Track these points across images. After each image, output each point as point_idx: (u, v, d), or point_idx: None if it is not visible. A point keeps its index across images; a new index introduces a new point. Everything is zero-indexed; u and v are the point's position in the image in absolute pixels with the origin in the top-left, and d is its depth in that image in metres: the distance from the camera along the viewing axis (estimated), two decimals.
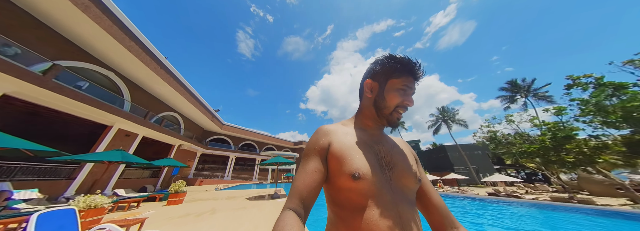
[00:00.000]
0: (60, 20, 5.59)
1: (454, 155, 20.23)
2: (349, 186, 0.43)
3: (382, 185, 0.44)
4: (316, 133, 0.51)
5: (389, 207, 0.42)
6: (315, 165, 0.45)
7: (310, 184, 0.42)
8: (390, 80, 0.50)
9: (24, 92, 5.06)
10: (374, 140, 0.52)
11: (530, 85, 17.06)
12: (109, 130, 7.80)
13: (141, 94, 9.74)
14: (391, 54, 0.52)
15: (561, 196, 8.67)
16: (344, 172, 0.43)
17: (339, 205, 0.45)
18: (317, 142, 0.49)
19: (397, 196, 0.44)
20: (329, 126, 0.53)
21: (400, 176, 0.47)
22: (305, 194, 0.41)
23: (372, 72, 0.53)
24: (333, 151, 0.47)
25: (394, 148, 0.53)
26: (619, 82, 7.32)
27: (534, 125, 10.77)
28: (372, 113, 0.53)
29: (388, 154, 0.50)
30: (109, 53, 7.05)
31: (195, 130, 16.32)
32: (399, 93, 0.50)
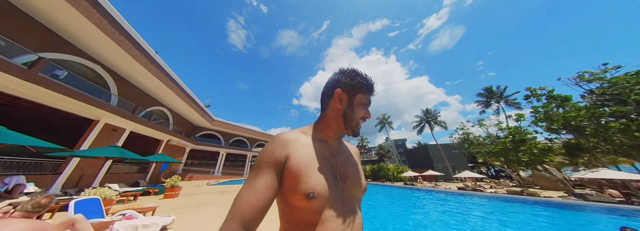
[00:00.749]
0: (44, 12, 5.38)
1: (434, 154, 22.09)
2: (302, 205, 0.42)
3: (334, 199, 0.44)
4: (272, 143, 0.47)
5: (337, 221, 0.42)
6: (266, 181, 0.41)
7: (256, 204, 0.37)
8: (358, 94, 0.52)
9: (7, 84, 4.92)
10: (332, 153, 0.53)
11: (503, 92, 18.94)
12: (96, 124, 7.65)
13: (129, 88, 9.48)
14: (355, 69, 0.54)
15: (515, 190, 10.17)
16: (298, 190, 0.42)
17: (289, 221, 0.45)
18: (272, 153, 0.45)
19: (346, 207, 0.46)
20: (288, 135, 0.50)
21: (351, 187, 0.49)
22: (250, 217, 0.36)
23: (341, 83, 0.53)
24: (290, 166, 0.44)
25: (349, 159, 0.55)
26: (565, 95, 8.68)
27: (499, 129, 12.24)
28: (339, 124, 0.53)
29: (343, 166, 0.52)
30: (96, 46, 6.85)
31: (184, 125, 16.01)
32: (363, 107, 0.52)
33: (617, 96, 7.21)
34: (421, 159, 24.13)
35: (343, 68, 0.55)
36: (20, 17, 5.40)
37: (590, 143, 7.79)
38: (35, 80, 5.00)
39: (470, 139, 13.39)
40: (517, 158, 10.25)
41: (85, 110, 6.99)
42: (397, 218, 4.61)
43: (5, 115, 7.63)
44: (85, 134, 7.44)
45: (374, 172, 21.32)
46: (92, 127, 7.61)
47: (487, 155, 12.36)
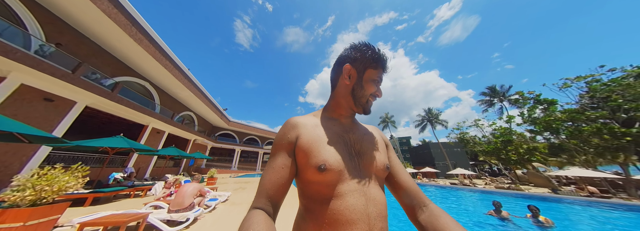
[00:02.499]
0: (118, 48, 7.27)
1: (436, 152, 22.83)
2: (316, 179, 0.43)
3: (350, 174, 0.44)
4: (284, 127, 0.49)
5: (355, 195, 0.42)
6: (282, 161, 0.44)
7: (277, 181, 0.41)
8: (368, 70, 0.49)
9: (97, 103, 6.89)
10: (344, 130, 0.52)
11: (506, 91, 19.11)
12: (146, 128, 9.71)
13: (167, 98, 11.52)
14: (366, 42, 0.51)
15: (503, 186, 11.11)
16: (310, 165, 0.43)
17: (308, 197, 0.45)
18: (284, 136, 0.47)
19: (366, 184, 0.44)
20: (298, 118, 0.51)
21: (369, 163, 0.48)
22: (273, 192, 0.40)
23: (351, 58, 0.50)
24: (300, 145, 0.46)
25: (365, 135, 0.53)
26: (551, 99, 9.37)
27: (493, 129, 12.96)
28: (349, 101, 0.52)
29: (358, 142, 0.50)
30: (148, 69, 8.76)
31: (205, 126, 18.26)
32: (374, 84, 0.50)
33: (604, 100, 7.80)
34: (423, 157, 24.95)
35: (354, 43, 0.52)
36: (103, 54, 7.34)
37: (570, 144, 8.56)
38: (115, 99, 6.92)
39: (467, 139, 14.20)
40: (507, 157, 11.11)
41: (139, 117, 9.00)
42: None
43: (86, 122, 9.90)
44: (139, 136, 9.52)
45: None
46: (143, 130, 9.67)
47: (482, 154, 13.21)
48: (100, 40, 6.97)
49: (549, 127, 8.54)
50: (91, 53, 6.99)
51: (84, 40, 6.68)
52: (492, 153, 12.00)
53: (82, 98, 6.27)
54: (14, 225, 1.89)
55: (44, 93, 5.46)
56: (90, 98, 6.46)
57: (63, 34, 6.11)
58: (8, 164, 5.02)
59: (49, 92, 5.51)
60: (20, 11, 5.21)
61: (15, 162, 5.16)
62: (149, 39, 7.42)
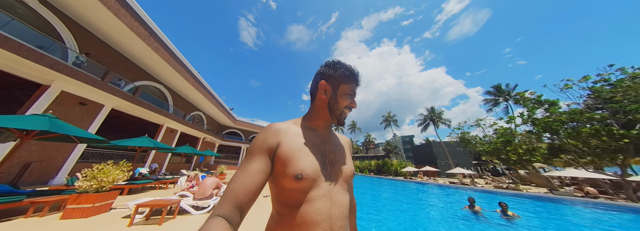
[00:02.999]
0: (137, 56, 8.01)
1: (438, 151, 22.85)
2: (291, 186, 0.45)
3: (322, 182, 0.47)
4: (265, 131, 0.51)
5: (323, 200, 0.45)
6: (259, 165, 0.44)
7: (249, 186, 0.40)
8: (341, 85, 0.54)
9: (121, 105, 7.69)
10: (322, 140, 0.56)
11: (512, 90, 18.77)
12: (162, 128, 10.58)
13: (179, 99, 12.36)
14: (339, 60, 0.57)
15: (501, 185, 11.29)
16: (288, 173, 0.45)
17: (281, 203, 0.47)
18: (265, 140, 0.48)
19: (333, 189, 0.49)
20: (280, 124, 0.54)
21: (340, 171, 0.53)
22: (242, 197, 0.39)
23: (326, 75, 0.56)
24: (281, 152, 0.47)
25: (338, 146, 0.59)
26: (552, 100, 9.38)
27: (495, 130, 12.99)
28: (325, 113, 0.56)
29: (332, 152, 0.55)
30: (163, 74, 9.53)
31: (214, 125, 19.23)
32: (348, 97, 0.55)
33: (606, 101, 7.77)
34: (426, 155, 25.04)
35: (328, 60, 0.58)
36: (125, 61, 8.12)
37: (569, 145, 8.64)
38: (136, 101, 7.70)
39: (467, 138, 14.30)
40: (508, 157, 11.23)
41: (156, 118, 9.83)
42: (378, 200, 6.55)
43: (110, 123, 10.90)
44: (156, 135, 10.41)
45: (378, 167, 22.97)
46: (159, 130, 10.55)
47: (483, 153, 13.32)
48: (123, 50, 7.72)
49: (549, 128, 8.63)
50: (115, 61, 7.77)
51: (109, 50, 7.45)
52: (492, 153, 12.12)
53: (108, 102, 7.07)
54: (86, 205, 2.56)
55: (79, 98, 6.26)
56: (116, 102, 7.25)
57: (92, 45, 6.87)
58: (54, 159, 5.90)
59: (83, 97, 6.31)
60: (59, 27, 5.96)
61: (59, 157, 6.03)
62: (164, 47, 8.11)
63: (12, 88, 6.45)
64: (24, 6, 5.32)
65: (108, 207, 2.84)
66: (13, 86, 6.23)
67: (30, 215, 2.50)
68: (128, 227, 2.25)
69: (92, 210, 2.58)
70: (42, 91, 5.45)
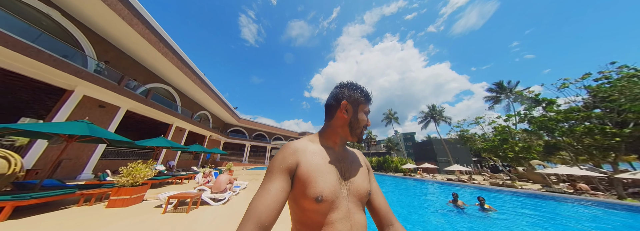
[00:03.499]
0: (148, 60, 8.48)
1: (438, 148, 23.13)
2: (312, 207, 0.46)
3: (340, 203, 0.48)
4: (283, 151, 0.52)
5: (343, 222, 0.47)
6: (280, 184, 0.45)
7: (271, 205, 0.41)
8: (361, 105, 0.58)
9: (134, 107, 8.25)
10: (337, 158, 0.57)
11: (514, 88, 18.67)
12: (171, 127, 11.20)
13: (186, 100, 12.92)
14: (354, 82, 0.61)
15: (497, 181, 11.64)
16: (308, 195, 0.46)
17: (300, 222, 0.49)
18: (284, 160, 0.49)
19: (352, 210, 0.50)
20: (297, 143, 0.55)
21: (356, 191, 0.53)
22: (265, 217, 0.39)
23: (346, 96, 0.58)
24: (300, 172, 0.48)
25: (353, 164, 0.60)
26: (550, 99, 9.53)
27: (493, 128, 13.21)
28: (345, 131, 0.57)
29: (348, 171, 0.56)
30: (172, 76, 10.02)
31: (218, 124, 19.89)
32: (365, 116, 0.58)
33: (603, 100, 7.89)
34: (426, 152, 25.38)
35: (344, 82, 0.61)
36: (136, 65, 8.61)
37: (564, 144, 8.87)
38: (148, 103, 8.24)
39: (467, 136, 14.55)
40: (505, 155, 11.52)
41: (165, 118, 10.42)
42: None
43: (123, 122, 11.58)
44: (166, 134, 11.04)
45: (379, 163, 23.48)
46: (169, 129, 11.17)
47: (481, 151, 13.61)
48: (134, 55, 8.19)
49: (544, 126, 8.85)
50: (128, 65, 8.26)
51: (122, 55, 7.93)
52: (490, 151, 12.41)
53: (124, 104, 7.62)
54: (125, 197, 3.08)
55: (99, 101, 6.81)
56: (130, 104, 7.80)
57: (108, 52, 7.35)
58: (80, 157, 6.53)
59: (102, 100, 6.85)
60: (78, 36, 6.43)
61: (84, 156, 6.67)
62: (173, 51, 8.54)
63: (37, 92, 7.04)
64: (48, 18, 5.77)
65: (141, 199, 3.38)
66: (39, 90, 6.81)
67: (81, 204, 3.05)
68: (162, 214, 2.77)
69: (129, 200, 3.11)
70: (68, 96, 5.99)
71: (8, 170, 3.21)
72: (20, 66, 4.79)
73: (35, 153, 5.29)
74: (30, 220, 2.37)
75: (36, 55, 4.58)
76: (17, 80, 5.65)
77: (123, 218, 2.55)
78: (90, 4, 5.60)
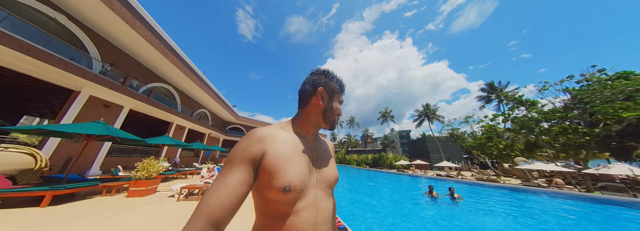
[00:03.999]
0: (149, 61, 8.75)
1: (432, 145, 23.97)
2: (277, 198, 0.43)
3: (308, 191, 0.47)
4: (248, 138, 0.47)
5: (309, 210, 0.45)
6: (241, 177, 0.40)
7: (227, 200, 0.36)
8: (336, 94, 0.58)
9: (137, 106, 8.58)
10: (309, 148, 0.55)
11: (504, 88, 19.38)
12: (172, 125, 11.56)
13: (186, 98, 13.21)
14: (329, 70, 0.59)
15: (482, 177, 12.42)
16: (275, 185, 0.43)
17: (265, 214, 0.46)
18: (247, 148, 0.45)
19: (319, 195, 0.49)
20: (265, 130, 0.50)
21: (325, 176, 0.53)
22: (220, 213, 0.35)
23: (323, 83, 0.57)
24: (267, 162, 0.45)
25: (324, 153, 0.59)
26: (533, 100, 10.15)
27: (481, 127, 13.91)
28: (319, 119, 0.56)
29: (318, 160, 0.55)
30: (172, 76, 10.30)
31: (217, 121, 20.22)
32: (339, 105, 0.58)
33: (582, 101, 8.50)
34: (420, 150, 26.24)
35: (320, 69, 0.60)
36: (138, 66, 8.87)
37: (543, 142, 9.57)
38: (150, 102, 8.58)
39: (457, 134, 15.26)
40: (490, 152, 12.26)
41: (166, 116, 10.76)
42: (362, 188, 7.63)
43: (129, 119, 11.90)
44: (167, 131, 11.41)
45: (374, 160, 24.29)
46: (170, 127, 11.53)
47: (470, 148, 14.35)
48: (136, 55, 8.45)
49: (525, 125, 9.50)
50: (130, 66, 8.53)
51: (125, 56, 8.19)
52: (477, 148, 13.14)
53: (127, 104, 7.95)
54: (142, 188, 3.56)
55: (104, 101, 7.13)
56: (133, 103, 8.13)
57: (111, 53, 7.61)
58: (88, 154, 6.92)
59: (107, 100, 7.18)
60: (83, 38, 6.68)
61: (92, 153, 7.06)
62: (173, 52, 8.81)
63: (44, 92, 7.32)
64: (55, 22, 6.01)
65: (154, 190, 3.85)
66: (47, 91, 7.09)
67: (104, 194, 3.51)
68: (176, 202, 3.25)
69: (145, 191, 3.58)
70: (75, 96, 6.32)
71: (35, 166, 3.64)
72: (32, 69, 5.10)
73: (48, 151, 5.67)
74: (68, 206, 2.83)
75: (48, 59, 4.89)
76: (27, 81, 5.96)
77: (145, 205, 3.03)
78: (95, 8, 5.85)
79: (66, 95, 7.04)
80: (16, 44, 4.24)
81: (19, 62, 4.74)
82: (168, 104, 10.74)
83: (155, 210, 2.82)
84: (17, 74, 5.28)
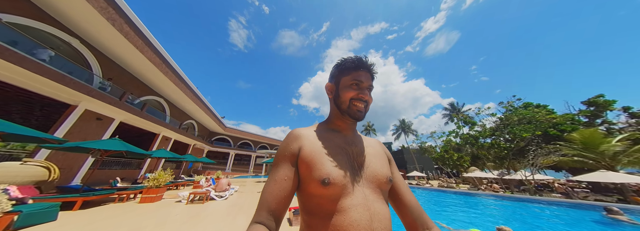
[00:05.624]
0: (147, 77, 9.40)
1: (408, 157, 26.45)
2: (319, 192, 0.42)
3: (353, 188, 0.44)
4: (286, 138, 0.50)
5: (359, 210, 0.41)
6: (284, 172, 0.44)
7: (278, 194, 0.41)
8: (342, 78, 0.53)
9: (128, 119, 8.91)
10: (346, 142, 0.53)
11: (461, 108, 23.30)
12: (158, 136, 11.66)
13: (175, 110, 13.48)
14: (340, 59, 0.55)
15: (444, 184, 14.45)
16: (313, 178, 0.43)
17: (309, 212, 0.45)
18: (286, 147, 0.48)
19: (369, 197, 0.44)
20: (301, 130, 0.52)
21: (373, 176, 0.47)
22: (274, 205, 0.40)
23: (329, 77, 0.57)
24: (303, 156, 0.46)
25: (367, 148, 0.55)
26: (473, 121, 12.90)
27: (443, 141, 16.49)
28: (337, 112, 0.55)
29: (361, 155, 0.51)
30: (167, 90, 10.88)
31: (204, 132, 20.01)
32: (351, 89, 0.51)
33: (504, 123, 11.27)
34: (399, 161, 28.50)
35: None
36: (134, 80, 9.42)
37: (480, 154, 12.04)
38: (142, 115, 9.00)
39: (424, 148, 17.65)
40: (449, 163, 14.53)
41: (154, 127, 10.96)
42: None
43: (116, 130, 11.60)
44: (152, 143, 11.43)
45: None
46: (156, 138, 11.61)
47: (434, 160, 16.61)
48: (136, 72, 9.08)
49: (467, 141, 11.98)
50: (128, 81, 9.06)
51: (124, 72, 8.78)
52: (439, 159, 15.42)
53: (119, 116, 8.32)
54: (152, 195, 4.30)
55: (97, 114, 7.51)
56: (124, 116, 8.51)
57: (112, 69, 8.20)
58: (72, 167, 7.01)
59: (100, 113, 7.57)
60: (88, 57, 7.31)
61: (75, 165, 7.14)
62: (172, 70, 9.63)
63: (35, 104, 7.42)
64: (65, 43, 6.66)
65: (161, 197, 4.56)
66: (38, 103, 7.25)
67: (117, 202, 4.15)
68: (185, 205, 4.08)
69: (155, 198, 4.31)
70: (72, 110, 6.70)
71: (49, 177, 4.18)
72: (34, 84, 5.58)
73: None
74: (95, 210, 3.51)
75: (61, 80, 5.51)
76: (26, 96, 6.28)
77: (159, 208, 3.82)
78: (109, 36, 6.71)
79: (56, 108, 7.29)
80: (32, 65, 4.87)
81: (29, 80, 5.29)
82: (158, 116, 11.04)
83: (171, 210, 3.66)
84: (24, 91, 5.70)
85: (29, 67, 4.71)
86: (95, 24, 6.18)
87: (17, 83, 5.21)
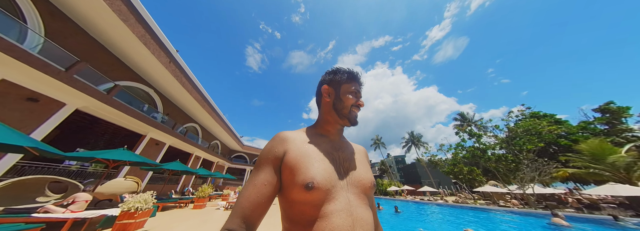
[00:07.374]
0: (189, 109, 12.20)
1: (421, 171, 25.31)
2: (302, 198, 0.41)
3: (337, 193, 0.43)
4: (272, 141, 0.49)
5: (342, 216, 0.40)
6: (265, 177, 0.43)
7: (255, 199, 0.39)
8: (343, 85, 0.55)
9: (174, 143, 11.38)
10: (333, 147, 0.53)
11: (472, 118, 22.85)
12: (192, 155, 14.01)
13: (206, 133, 16.22)
14: (338, 66, 0.59)
15: (458, 200, 13.99)
16: (296, 182, 0.41)
17: (291, 220, 0.43)
18: (271, 150, 0.46)
19: (353, 203, 0.43)
20: (288, 133, 0.52)
21: (358, 181, 0.48)
22: (249, 212, 0.38)
23: (327, 80, 0.58)
24: (288, 160, 0.44)
25: (353, 154, 0.56)
26: (478, 133, 13.12)
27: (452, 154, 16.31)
28: (333, 116, 0.55)
29: (347, 160, 0.51)
30: (201, 117, 13.60)
31: (225, 150, 22.53)
32: (351, 95, 0.54)
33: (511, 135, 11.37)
34: (412, 175, 27.32)
35: (327, 70, 0.60)
36: (180, 112, 12.27)
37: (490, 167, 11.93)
38: (184, 140, 11.42)
39: (435, 161, 17.44)
40: (461, 177, 14.26)
41: (189, 148, 13.34)
42: None
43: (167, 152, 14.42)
44: (187, 162, 13.74)
45: None
46: (190, 157, 13.96)
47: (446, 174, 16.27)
48: (182, 107, 11.90)
49: (473, 154, 12.09)
50: (177, 112, 11.86)
51: (175, 107, 11.62)
52: (450, 173, 15.15)
53: (168, 141, 10.76)
54: (200, 203, 5.98)
55: (156, 140, 9.96)
56: (172, 140, 10.93)
57: (168, 106, 11.04)
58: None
59: (158, 139, 10.02)
60: (156, 99, 10.19)
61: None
62: (208, 104, 12.33)
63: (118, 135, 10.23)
64: (144, 92, 9.59)
65: (205, 205, 6.22)
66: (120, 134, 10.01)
67: (178, 208, 5.89)
68: (224, 211, 5.63)
69: (202, 206, 5.97)
70: (143, 139, 9.21)
71: (137, 189, 6.15)
72: (122, 121, 8.14)
73: None
74: (169, 212, 5.24)
75: (149, 121, 8.06)
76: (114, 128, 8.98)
77: (205, 213, 5.42)
78: (173, 88, 9.54)
79: (131, 138, 9.95)
80: (130, 112, 7.42)
81: (119, 118, 7.86)
82: (193, 139, 13.56)
83: (213, 214, 5.24)
84: (110, 124, 8.33)
85: (126, 110, 7.29)
86: (166, 79, 9.05)
87: (111, 120, 7.84)
